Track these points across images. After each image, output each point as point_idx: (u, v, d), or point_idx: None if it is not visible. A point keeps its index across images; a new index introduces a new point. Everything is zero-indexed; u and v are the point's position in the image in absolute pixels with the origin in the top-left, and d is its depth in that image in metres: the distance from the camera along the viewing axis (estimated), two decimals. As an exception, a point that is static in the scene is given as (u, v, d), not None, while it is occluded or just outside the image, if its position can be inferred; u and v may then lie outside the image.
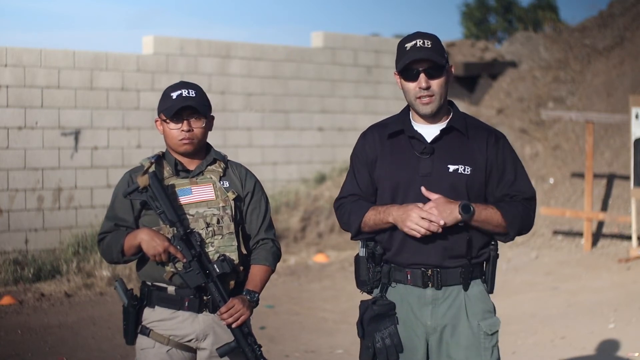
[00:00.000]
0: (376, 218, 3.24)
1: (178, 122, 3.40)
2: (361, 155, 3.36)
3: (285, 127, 11.98)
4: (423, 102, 3.22)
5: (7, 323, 7.38)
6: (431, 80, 3.20)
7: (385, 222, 3.22)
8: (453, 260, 3.23)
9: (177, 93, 3.41)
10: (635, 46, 13.31)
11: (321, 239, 11.45)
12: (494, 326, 3.28)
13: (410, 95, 3.24)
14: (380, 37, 14.51)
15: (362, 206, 3.31)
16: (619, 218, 10.31)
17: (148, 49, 10.83)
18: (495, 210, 3.22)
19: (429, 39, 3.23)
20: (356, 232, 3.31)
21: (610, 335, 6.90)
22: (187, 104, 3.38)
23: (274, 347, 6.64)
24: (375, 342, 3.25)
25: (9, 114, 9.49)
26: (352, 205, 3.33)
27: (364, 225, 3.28)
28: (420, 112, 3.25)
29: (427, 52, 3.19)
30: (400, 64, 3.23)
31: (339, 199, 3.41)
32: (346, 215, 3.33)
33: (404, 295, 3.27)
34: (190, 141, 3.41)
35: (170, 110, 3.39)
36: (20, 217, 9.50)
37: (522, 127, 13.21)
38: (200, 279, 3.33)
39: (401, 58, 3.23)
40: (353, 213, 3.31)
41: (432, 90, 3.21)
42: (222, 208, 3.42)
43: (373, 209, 3.27)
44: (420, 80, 3.20)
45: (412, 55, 3.19)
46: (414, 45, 3.20)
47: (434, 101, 3.22)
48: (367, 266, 3.31)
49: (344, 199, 3.38)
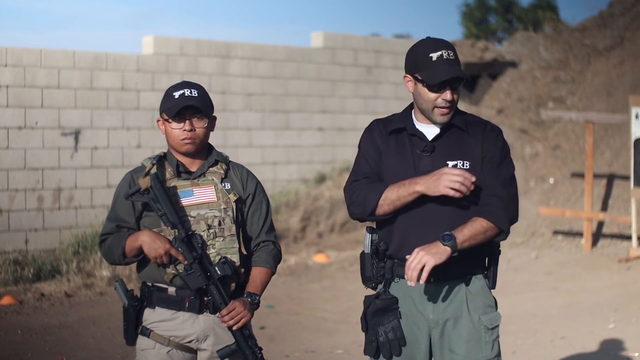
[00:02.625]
0: (399, 191, 3.21)
1: (180, 122, 3.40)
2: (372, 144, 3.35)
3: (285, 127, 11.98)
4: (442, 113, 3.24)
5: (7, 323, 7.38)
6: (455, 94, 3.23)
7: (412, 193, 3.19)
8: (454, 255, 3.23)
9: (180, 92, 3.41)
10: (635, 46, 13.31)
11: (321, 239, 11.45)
12: (494, 320, 3.31)
13: (429, 104, 3.24)
14: (380, 37, 14.50)
15: (380, 185, 3.27)
16: (619, 218, 10.32)
17: (148, 49, 10.83)
18: (475, 220, 3.21)
19: (452, 49, 3.24)
20: (371, 211, 3.25)
21: (610, 335, 6.90)
22: (190, 104, 3.38)
23: (274, 347, 6.64)
24: (379, 336, 3.28)
25: (9, 114, 9.49)
26: (368, 186, 3.28)
27: (382, 203, 3.22)
28: (437, 121, 3.26)
29: (457, 70, 3.20)
30: (427, 76, 3.19)
31: (351, 182, 3.34)
32: (362, 194, 3.27)
33: (406, 290, 3.30)
34: (192, 141, 3.40)
35: (173, 110, 3.38)
36: (20, 217, 9.50)
37: (522, 127, 13.22)
38: (201, 281, 3.33)
39: (425, 67, 3.21)
40: (370, 192, 3.26)
41: (453, 101, 3.24)
42: (224, 210, 3.42)
43: (392, 185, 3.23)
44: (446, 94, 3.21)
45: (444, 70, 3.17)
46: (440, 56, 3.20)
47: (451, 111, 3.26)
48: (371, 262, 3.34)
49: (358, 181, 3.32)
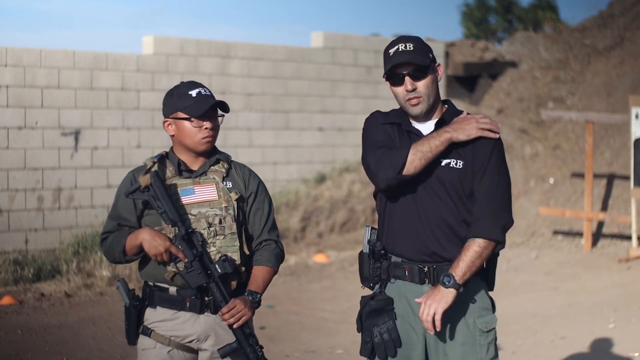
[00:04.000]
0: (430, 142, 3.19)
1: (203, 120, 3.39)
2: (378, 124, 3.35)
3: (285, 127, 11.98)
4: (412, 104, 3.27)
5: (7, 323, 7.38)
6: (416, 82, 3.25)
7: (443, 141, 3.19)
8: (450, 253, 3.22)
9: (196, 91, 3.40)
10: (635, 46, 13.32)
11: (321, 239, 11.45)
12: (490, 323, 3.29)
13: (400, 99, 3.30)
14: (380, 37, 14.50)
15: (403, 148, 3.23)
16: (619, 218, 10.32)
17: (148, 49, 10.83)
18: (469, 247, 3.17)
19: (411, 41, 3.28)
20: (401, 168, 3.18)
21: (610, 335, 6.90)
22: (215, 102, 3.38)
23: (274, 347, 6.64)
24: (374, 337, 3.28)
25: (9, 114, 9.49)
26: (391, 150, 3.24)
27: (414, 158, 3.17)
28: (411, 113, 3.30)
29: (408, 55, 3.24)
30: (385, 70, 3.29)
31: (369, 152, 3.28)
32: (387, 157, 3.22)
33: (402, 291, 3.30)
34: (212, 139, 3.42)
35: (200, 108, 3.36)
36: (20, 217, 9.50)
37: (522, 127, 13.22)
38: (201, 279, 3.33)
39: (386, 64, 3.29)
40: (396, 152, 3.21)
41: (419, 91, 3.26)
42: (225, 208, 3.41)
43: (419, 141, 3.22)
44: (405, 84, 3.26)
45: (395, 59, 3.25)
46: (396, 50, 3.26)
47: (423, 102, 3.27)
48: (369, 262, 3.35)
49: (379, 149, 3.26)
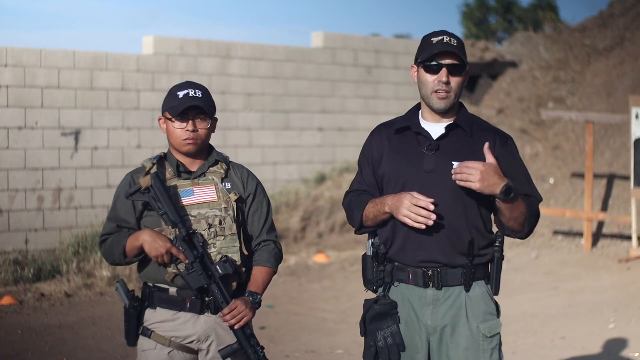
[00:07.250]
0: (374, 209, 3.27)
1: (183, 122, 3.40)
2: (367, 154, 3.41)
3: (285, 127, 11.98)
4: (439, 97, 3.23)
5: (7, 323, 7.38)
6: (451, 77, 3.23)
7: (383, 213, 3.24)
8: (454, 260, 3.22)
9: (184, 92, 3.41)
10: (635, 46, 13.31)
11: (321, 239, 11.44)
12: (493, 328, 3.26)
13: (428, 88, 3.25)
14: (380, 37, 14.49)
15: (364, 200, 3.35)
16: (619, 218, 10.32)
17: (148, 49, 10.83)
18: (521, 202, 3.20)
19: (456, 38, 3.27)
20: (359, 226, 3.36)
21: (610, 335, 6.90)
22: (194, 104, 3.38)
23: (274, 347, 6.64)
24: (377, 341, 3.26)
25: (9, 114, 9.49)
26: (356, 199, 3.38)
27: (366, 219, 3.32)
28: (434, 106, 3.26)
29: (453, 49, 3.23)
30: (425, 54, 3.23)
31: (346, 194, 3.47)
32: (350, 209, 3.39)
33: (405, 295, 3.28)
34: (194, 141, 3.41)
35: (177, 109, 3.38)
36: (20, 217, 9.50)
37: (522, 127, 13.22)
38: (202, 280, 3.33)
39: (425, 50, 3.24)
40: (355, 207, 3.36)
41: (450, 86, 3.23)
42: (224, 209, 3.42)
43: (372, 201, 3.30)
44: (441, 74, 3.22)
45: (440, 47, 3.21)
46: (440, 40, 3.23)
47: (450, 97, 3.24)
48: (372, 265, 3.34)
49: (350, 193, 3.43)
